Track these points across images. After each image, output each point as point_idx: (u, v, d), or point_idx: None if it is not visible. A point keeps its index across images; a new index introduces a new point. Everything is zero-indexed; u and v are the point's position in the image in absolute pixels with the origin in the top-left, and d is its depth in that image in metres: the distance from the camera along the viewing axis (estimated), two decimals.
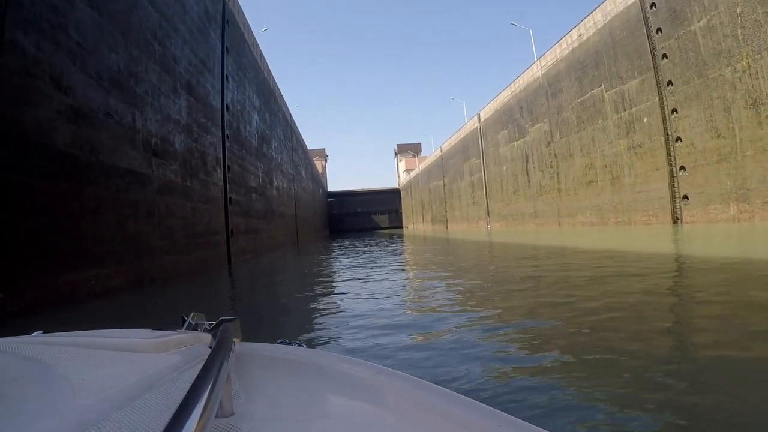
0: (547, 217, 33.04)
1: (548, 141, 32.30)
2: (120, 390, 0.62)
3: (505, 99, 39.92)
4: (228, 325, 0.89)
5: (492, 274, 9.76)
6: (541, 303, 5.96)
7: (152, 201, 10.95)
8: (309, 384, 0.80)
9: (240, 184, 19.41)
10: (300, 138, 48.83)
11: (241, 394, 0.69)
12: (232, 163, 18.37)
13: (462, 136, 53.90)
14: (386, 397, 0.75)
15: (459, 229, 51.81)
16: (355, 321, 5.25)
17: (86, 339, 0.90)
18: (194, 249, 13.44)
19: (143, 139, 10.78)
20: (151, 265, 10.60)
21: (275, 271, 14.84)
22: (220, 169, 16.70)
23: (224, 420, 0.58)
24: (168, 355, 0.85)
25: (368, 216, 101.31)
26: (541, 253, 13.41)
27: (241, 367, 0.83)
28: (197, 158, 14.34)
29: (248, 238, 20.04)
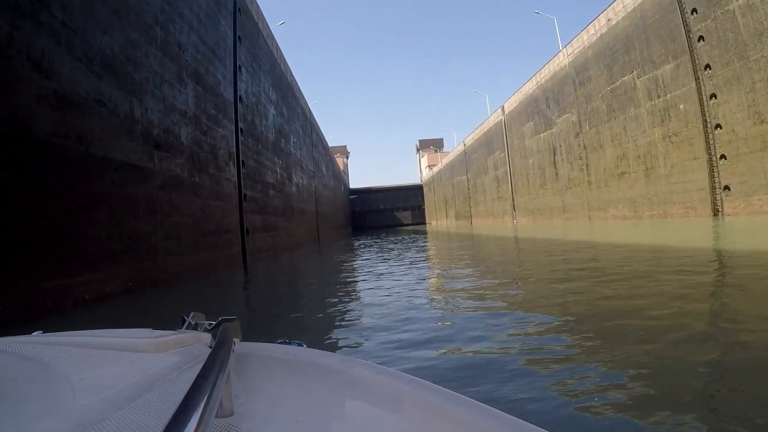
0: (577, 211, 31.81)
1: (577, 132, 31.08)
2: (120, 390, 0.62)
3: (530, 90, 38.62)
4: (228, 325, 0.90)
5: (526, 274, 8.59)
6: (581, 306, 5.22)
7: (154, 197, 10.04)
8: (309, 384, 0.80)
9: (256, 179, 18.52)
10: (320, 134, 47.95)
11: (241, 394, 0.68)
12: (247, 158, 17.48)
13: (485, 130, 52.60)
14: (386, 397, 0.75)
15: (484, 225, 50.61)
16: (383, 334, 4.43)
17: (86, 339, 0.89)
18: (204, 249, 12.54)
19: (143, 129, 9.87)
20: (152, 267, 9.70)
21: (294, 271, 13.88)
22: (233, 164, 15.80)
23: (224, 420, 0.58)
24: (168, 355, 0.84)
25: (391, 213, 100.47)
26: (573, 250, 12.11)
27: (241, 367, 0.82)
28: (207, 152, 13.44)
29: (265, 237, 19.14)
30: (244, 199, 16.53)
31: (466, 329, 4.31)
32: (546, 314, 4.73)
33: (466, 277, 8.39)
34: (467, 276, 8.60)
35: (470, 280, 8.06)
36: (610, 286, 6.13)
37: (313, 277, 11.63)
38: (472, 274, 8.84)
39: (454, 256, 14.09)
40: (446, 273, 9.58)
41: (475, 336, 4.05)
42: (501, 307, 5.43)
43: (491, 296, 6.28)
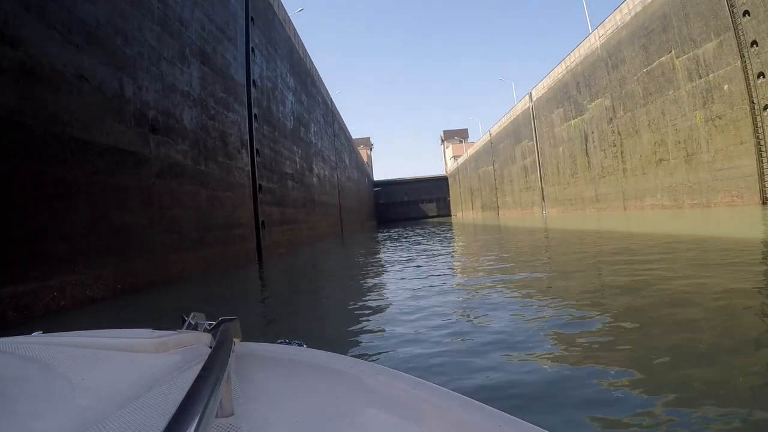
0: (611, 200, 30.18)
1: (610, 117, 29.48)
2: (120, 390, 0.62)
3: (559, 75, 36.89)
4: (228, 324, 0.90)
5: (567, 271, 7.18)
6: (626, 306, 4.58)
7: (150, 187, 8.92)
8: (309, 384, 0.80)
9: (272, 169, 17.38)
10: (342, 124, 46.74)
11: (241, 394, 0.68)
12: (262, 146, 16.33)
13: (512, 118, 50.83)
14: (386, 397, 0.76)
15: (511, 216, 49.04)
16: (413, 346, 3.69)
17: (86, 339, 0.89)
18: (211, 244, 11.42)
19: (135, 110, 8.74)
20: (148, 266, 8.58)
21: (313, 269, 12.68)
22: (246, 152, 14.66)
23: (224, 420, 0.58)
24: (168, 355, 0.83)
25: (415, 205, 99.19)
26: (614, 244, 10.69)
27: (241, 367, 0.82)
28: (215, 138, 12.30)
29: (283, 230, 18.02)
30: (259, 190, 15.40)
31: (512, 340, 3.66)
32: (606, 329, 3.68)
33: (504, 283, 7.03)
34: (504, 280, 7.23)
35: (508, 283, 6.70)
36: (667, 284, 5.31)
37: (334, 277, 10.42)
38: (510, 275, 7.46)
39: (484, 252, 12.68)
40: (479, 274, 8.21)
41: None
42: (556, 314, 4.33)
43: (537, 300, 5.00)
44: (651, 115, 24.80)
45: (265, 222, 15.52)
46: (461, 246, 15.46)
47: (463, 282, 7.19)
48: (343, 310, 5.72)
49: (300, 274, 11.42)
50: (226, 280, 10.23)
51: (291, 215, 19.55)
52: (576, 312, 4.35)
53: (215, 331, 0.93)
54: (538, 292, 5.67)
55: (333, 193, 33.56)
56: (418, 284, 7.00)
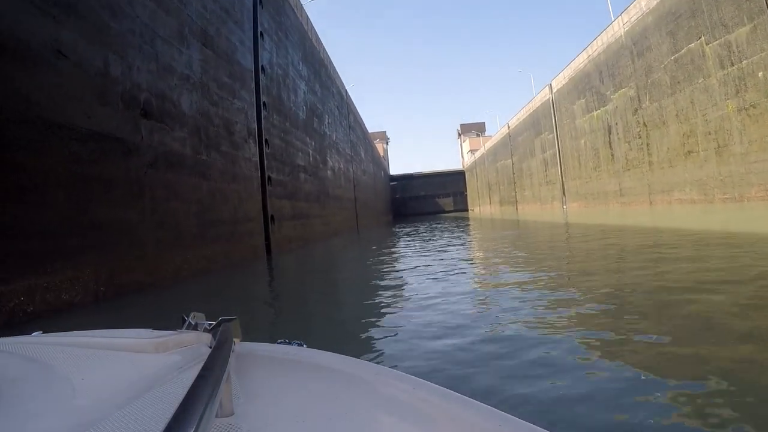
0: (636, 194, 28.82)
1: (635, 108, 28.00)
2: (120, 390, 0.62)
3: (581, 65, 35.48)
4: (228, 324, 0.90)
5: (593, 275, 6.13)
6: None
7: (141, 178, 8.03)
8: (309, 384, 0.80)
9: (283, 161, 16.47)
10: (358, 117, 45.72)
11: (241, 394, 0.68)
12: (272, 136, 15.42)
13: (531, 110, 49.36)
14: (386, 397, 0.75)
15: (530, 211, 47.84)
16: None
17: (86, 339, 0.89)
18: (214, 241, 10.53)
19: (124, 92, 7.84)
20: (138, 265, 7.71)
21: (326, 267, 11.75)
22: (254, 142, 13.76)
23: (224, 420, 0.58)
24: (168, 355, 0.83)
25: (432, 199, 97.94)
26: (648, 242, 9.60)
27: (241, 367, 0.81)
28: (218, 126, 11.40)
29: (295, 225, 17.12)
30: (269, 183, 14.50)
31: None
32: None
33: (528, 283, 6.01)
34: (528, 280, 6.22)
35: (533, 286, 5.71)
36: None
37: (348, 276, 9.50)
38: (535, 278, 6.44)
39: (507, 250, 11.63)
40: (502, 276, 7.19)
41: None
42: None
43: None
44: (679, 105, 23.42)
45: (274, 216, 14.63)
46: (482, 244, 14.40)
47: (492, 297, 6.13)
48: (354, 325, 4.76)
49: (309, 275, 10.48)
50: (228, 279, 9.35)
51: (303, 209, 18.65)
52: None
53: (215, 331, 0.92)
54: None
55: (348, 187, 32.63)
56: (441, 294, 5.99)
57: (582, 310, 4.25)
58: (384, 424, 0.67)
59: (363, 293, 6.81)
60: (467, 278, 7.17)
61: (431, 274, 7.55)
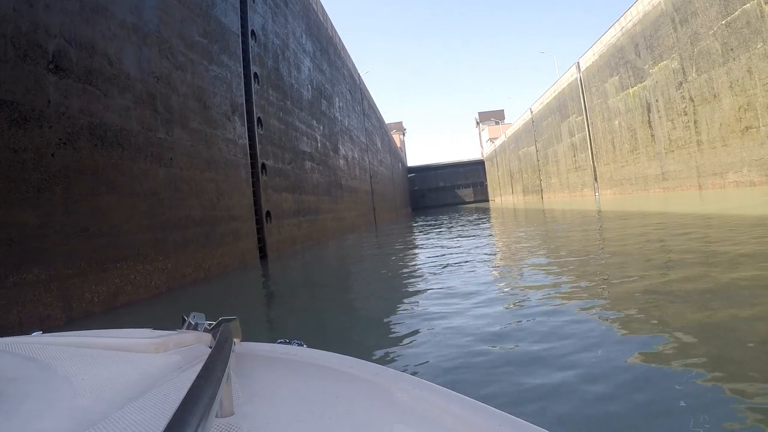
0: (682, 179, 25.79)
1: (679, 81, 24.87)
2: (120, 390, 0.62)
3: (613, 39, 32.21)
4: (228, 324, 0.88)
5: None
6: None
7: (46, 161, 5.35)
8: (309, 384, 0.80)
9: (282, 146, 13.73)
10: (373, 104, 42.78)
11: (241, 394, 0.68)
12: (267, 116, 12.69)
13: (557, 92, 45.95)
14: (386, 397, 0.75)
15: (558, 200, 44.79)
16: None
17: (86, 339, 0.88)
18: (179, 247, 7.85)
19: (18, 35, 5.18)
20: (35, 294, 5.01)
21: (334, 277, 9.03)
22: (241, 120, 11.03)
23: (224, 420, 0.58)
24: (168, 355, 0.82)
25: (451, 190, 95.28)
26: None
27: (241, 367, 0.81)
28: (186, 96, 8.68)
29: (300, 223, 14.40)
30: (263, 172, 11.79)
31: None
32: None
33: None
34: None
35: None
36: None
37: (362, 293, 6.75)
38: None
39: (544, 249, 8.77)
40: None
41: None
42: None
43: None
44: (733, 75, 20.49)
45: (271, 213, 11.91)
46: (514, 238, 11.48)
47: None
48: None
49: (305, 293, 7.71)
50: (187, 304, 6.63)
51: (311, 203, 15.91)
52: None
53: (215, 331, 0.92)
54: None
55: (364, 178, 29.82)
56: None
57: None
58: (384, 424, 0.66)
59: (382, 325, 4.16)
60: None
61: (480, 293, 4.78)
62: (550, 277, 5.88)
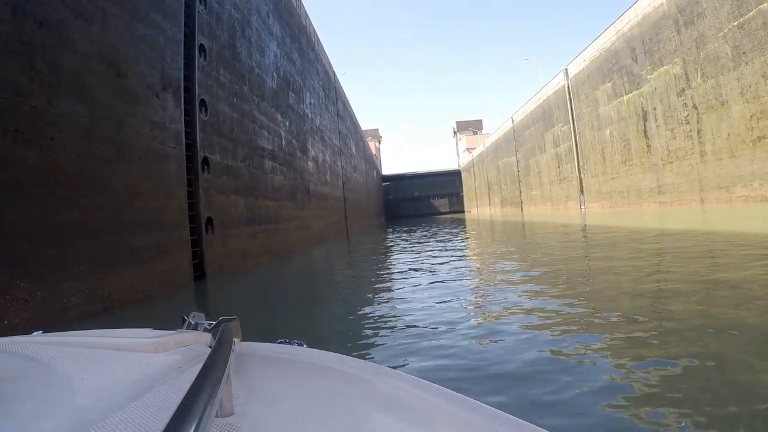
0: (681, 192, 24.36)
1: (681, 88, 23.47)
2: (120, 390, 0.61)
3: (607, 44, 31.01)
4: (228, 324, 0.88)
5: None
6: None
7: None
8: (309, 384, 0.79)
9: (234, 139, 11.27)
10: (348, 106, 40.46)
11: (241, 394, 0.68)
12: (215, 99, 10.25)
13: (541, 101, 44.62)
14: (386, 397, 0.74)
15: (539, 212, 43.38)
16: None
17: (86, 339, 0.89)
18: (57, 269, 5.34)
19: None
20: None
21: (294, 309, 6.66)
22: (175, 99, 8.57)
23: (224, 420, 0.58)
24: (168, 354, 0.82)
25: (427, 200, 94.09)
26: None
27: (241, 366, 0.81)
28: (88, 55, 6.20)
29: (254, 232, 11.93)
30: (204, 168, 9.33)
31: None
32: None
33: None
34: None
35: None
36: None
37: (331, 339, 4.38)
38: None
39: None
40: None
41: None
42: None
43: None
44: (745, 81, 19.06)
45: (214, 220, 9.44)
46: (496, 249, 9.34)
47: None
48: None
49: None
50: None
51: (270, 210, 13.45)
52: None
53: (215, 331, 0.91)
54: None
55: (336, 184, 27.39)
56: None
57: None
58: (384, 424, 0.66)
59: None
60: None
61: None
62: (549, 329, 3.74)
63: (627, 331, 3.68)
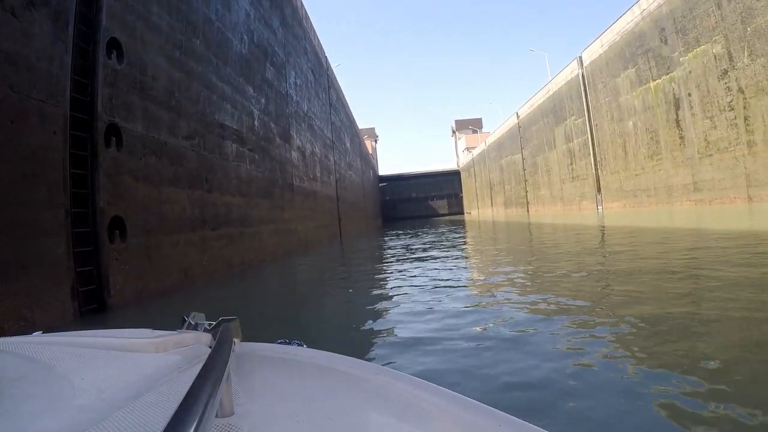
0: (723, 189, 21.64)
1: (723, 69, 20.77)
2: (120, 390, 0.61)
3: (629, 25, 28.09)
4: (228, 324, 0.87)
5: None
6: None
7: None
8: (309, 384, 0.79)
9: (172, 106, 7.94)
10: (343, 98, 37.15)
11: (241, 394, 0.67)
12: (141, 44, 6.98)
13: (551, 93, 41.59)
14: (386, 397, 0.73)
15: (548, 213, 40.35)
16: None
17: (86, 339, 0.88)
18: None
19: None
20: None
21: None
22: (50, 21, 5.32)
23: (224, 420, 0.57)
24: (168, 355, 0.81)
25: (425, 202, 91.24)
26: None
27: (241, 367, 0.81)
28: None
29: (204, 240, 8.63)
30: (110, 141, 6.06)
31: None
32: None
33: None
34: None
35: None
36: None
37: None
38: None
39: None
40: None
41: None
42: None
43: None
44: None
45: (127, 221, 6.15)
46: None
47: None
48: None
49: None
50: None
51: (231, 209, 10.15)
52: None
53: (215, 331, 0.91)
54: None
55: (328, 181, 24.09)
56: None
57: None
58: (384, 424, 0.66)
59: None
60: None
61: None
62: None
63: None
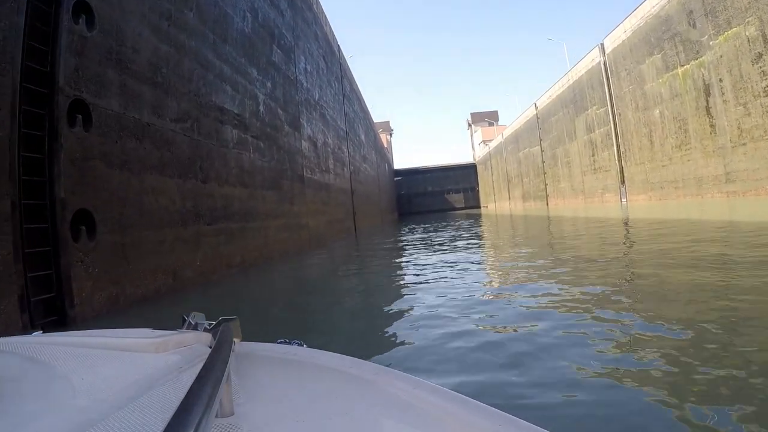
0: (757, 180, 20.17)
1: (758, 53, 19.29)
2: (120, 390, 0.61)
3: (654, 9, 26.45)
4: (228, 324, 0.88)
5: None
6: None
7: None
8: (309, 384, 0.79)
9: (159, 82, 6.91)
10: (357, 89, 36.03)
11: (241, 394, 0.68)
12: (113, 8, 5.97)
13: (571, 82, 39.96)
14: (386, 397, 0.74)
15: (568, 207, 38.91)
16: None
17: (86, 339, 0.88)
18: None
19: None
20: None
21: None
22: None
23: (224, 420, 0.58)
24: (168, 355, 0.82)
25: (440, 196, 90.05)
26: None
27: (241, 366, 0.80)
28: None
29: (197, 236, 7.61)
30: (74, 120, 5.05)
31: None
32: None
33: None
34: None
35: None
36: None
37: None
38: None
39: None
40: None
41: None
42: None
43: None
44: None
45: (96, 215, 5.14)
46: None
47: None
48: None
49: None
50: None
51: (232, 201, 9.12)
52: None
53: (215, 331, 0.91)
54: None
55: (341, 173, 23.03)
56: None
57: None
58: (384, 424, 0.66)
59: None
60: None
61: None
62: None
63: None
